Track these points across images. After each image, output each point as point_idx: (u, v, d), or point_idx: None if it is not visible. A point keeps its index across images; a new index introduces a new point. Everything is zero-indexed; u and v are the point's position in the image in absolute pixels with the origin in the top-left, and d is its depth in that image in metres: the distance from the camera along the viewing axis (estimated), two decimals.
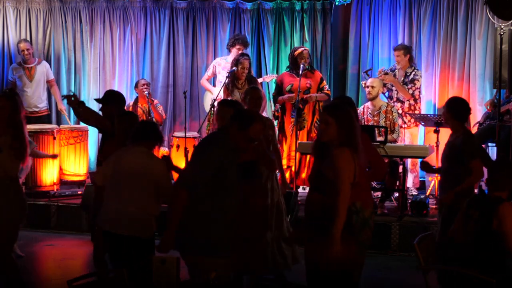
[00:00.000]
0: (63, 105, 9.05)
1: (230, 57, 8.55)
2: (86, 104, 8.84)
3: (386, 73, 8.04)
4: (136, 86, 8.79)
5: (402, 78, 8.08)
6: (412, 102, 8.08)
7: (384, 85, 8.09)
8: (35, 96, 8.87)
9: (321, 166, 4.16)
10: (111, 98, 5.96)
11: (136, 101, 8.79)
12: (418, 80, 8.08)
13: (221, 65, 8.62)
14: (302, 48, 8.02)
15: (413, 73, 8.08)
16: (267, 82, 9.17)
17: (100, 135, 6.54)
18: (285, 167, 7.72)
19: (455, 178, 5.17)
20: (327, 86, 8.13)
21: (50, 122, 9.02)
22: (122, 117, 5.38)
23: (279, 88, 8.03)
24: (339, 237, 3.90)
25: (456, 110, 5.30)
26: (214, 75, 8.79)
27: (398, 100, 8.12)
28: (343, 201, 3.92)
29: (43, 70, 8.94)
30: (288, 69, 8.13)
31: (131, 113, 6.41)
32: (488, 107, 7.93)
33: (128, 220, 4.49)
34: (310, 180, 4.30)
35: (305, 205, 4.32)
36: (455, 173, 5.19)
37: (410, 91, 8.01)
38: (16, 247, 6.07)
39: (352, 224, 4.00)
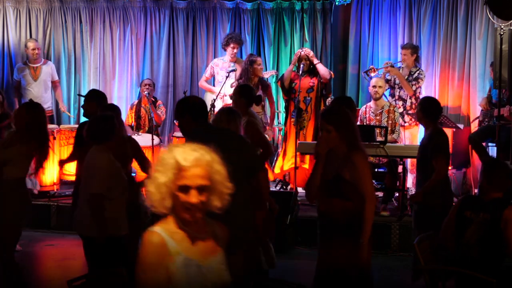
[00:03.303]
0: (64, 105, 9.05)
1: (227, 57, 8.55)
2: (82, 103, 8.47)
3: (392, 66, 8.06)
4: (140, 85, 8.83)
5: (406, 77, 8.07)
6: (413, 100, 8.08)
7: (387, 81, 8.09)
8: (39, 95, 8.84)
9: (338, 171, 3.97)
10: (94, 96, 5.84)
11: (140, 100, 8.83)
12: (422, 80, 8.08)
13: (219, 66, 8.60)
14: (300, 51, 7.99)
15: (418, 72, 8.08)
16: (267, 78, 9.15)
17: None
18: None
19: (424, 173, 5.43)
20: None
21: (53, 123, 9.01)
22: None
23: (283, 80, 7.98)
24: (367, 243, 3.91)
25: (426, 109, 5.51)
26: (213, 76, 8.76)
27: (400, 98, 8.11)
28: (371, 205, 3.92)
29: (48, 71, 8.95)
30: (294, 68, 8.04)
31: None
32: (484, 106, 7.96)
33: (87, 221, 4.48)
34: (325, 185, 4.02)
35: (322, 210, 4.13)
36: (423, 169, 5.45)
37: (414, 88, 8.02)
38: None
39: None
